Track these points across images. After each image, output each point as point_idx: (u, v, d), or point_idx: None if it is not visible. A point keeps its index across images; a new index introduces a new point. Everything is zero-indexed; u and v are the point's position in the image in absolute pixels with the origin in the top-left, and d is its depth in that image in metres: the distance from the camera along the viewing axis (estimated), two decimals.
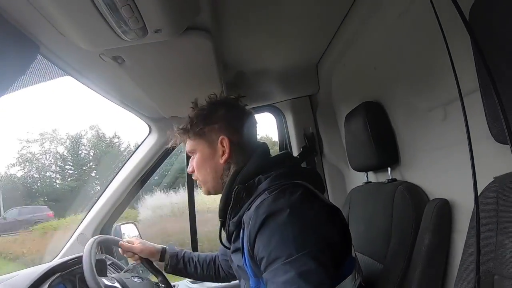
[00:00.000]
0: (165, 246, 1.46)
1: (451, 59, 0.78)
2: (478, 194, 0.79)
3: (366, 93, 1.51)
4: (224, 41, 1.37)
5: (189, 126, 1.13)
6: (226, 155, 1.07)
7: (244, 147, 1.08)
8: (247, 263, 0.95)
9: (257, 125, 1.15)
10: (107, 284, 1.22)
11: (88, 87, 1.32)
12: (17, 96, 1.23)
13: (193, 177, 1.18)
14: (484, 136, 0.77)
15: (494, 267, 0.73)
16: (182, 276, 1.52)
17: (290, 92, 2.01)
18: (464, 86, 0.77)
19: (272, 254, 0.81)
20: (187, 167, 1.23)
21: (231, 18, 1.24)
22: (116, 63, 1.09)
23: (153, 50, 1.05)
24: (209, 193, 1.15)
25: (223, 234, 1.09)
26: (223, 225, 1.07)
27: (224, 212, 1.03)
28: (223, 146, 1.07)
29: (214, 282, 1.52)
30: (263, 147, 1.09)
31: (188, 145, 1.15)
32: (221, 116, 1.10)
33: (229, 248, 1.08)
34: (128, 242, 1.46)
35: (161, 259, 1.44)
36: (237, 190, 0.98)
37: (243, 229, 0.94)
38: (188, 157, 1.21)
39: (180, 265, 1.44)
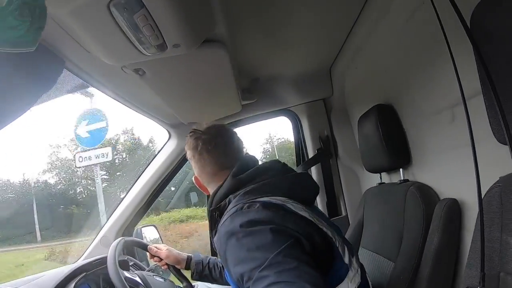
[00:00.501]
0: (190, 254, 1.53)
1: (454, 63, 0.81)
2: (484, 194, 0.82)
3: (378, 96, 1.54)
4: (239, 50, 1.42)
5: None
6: (204, 190, 1.18)
7: (218, 172, 1.12)
8: (227, 276, 1.02)
9: (234, 142, 1.18)
10: (127, 276, 1.29)
11: (110, 96, 1.38)
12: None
13: None
14: (490, 137, 0.78)
15: (500, 265, 0.75)
16: (209, 282, 1.57)
17: (304, 96, 2.04)
18: (469, 88, 0.80)
19: (248, 269, 0.79)
20: None
21: (245, 29, 1.30)
22: (138, 75, 1.14)
23: (173, 63, 1.10)
24: None
25: None
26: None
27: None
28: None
29: None
30: (238, 165, 1.09)
31: None
32: (192, 157, 1.17)
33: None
34: (156, 247, 1.54)
35: (187, 267, 1.51)
36: (210, 212, 1.06)
37: None
38: None
39: (206, 272, 1.50)
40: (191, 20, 0.89)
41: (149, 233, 1.95)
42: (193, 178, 1.22)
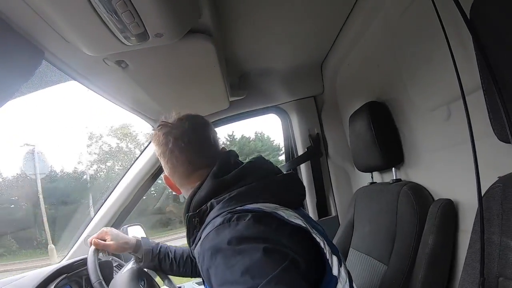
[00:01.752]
0: (139, 238, 1.36)
1: (453, 57, 0.78)
2: (482, 194, 0.78)
3: (370, 93, 1.50)
4: (227, 43, 1.37)
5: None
6: (176, 190, 1.05)
7: (193, 173, 0.99)
8: None
9: (210, 136, 1.03)
10: None
11: (93, 91, 1.32)
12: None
13: None
14: (488, 135, 0.75)
15: (499, 269, 0.72)
16: (155, 271, 1.41)
17: (295, 93, 2.00)
18: (467, 84, 0.77)
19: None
20: None
21: (233, 20, 1.25)
22: (120, 67, 1.10)
23: (156, 54, 1.05)
24: None
25: None
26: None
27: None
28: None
29: (191, 277, 1.44)
30: (219, 163, 0.96)
31: None
32: (161, 154, 1.02)
33: None
34: (100, 237, 1.33)
35: (134, 253, 1.34)
36: (189, 217, 0.92)
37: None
38: None
39: (155, 262, 1.34)
40: (174, 8, 0.83)
41: (135, 233, 1.90)
42: (162, 177, 1.08)
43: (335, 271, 0.83)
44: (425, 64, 1.08)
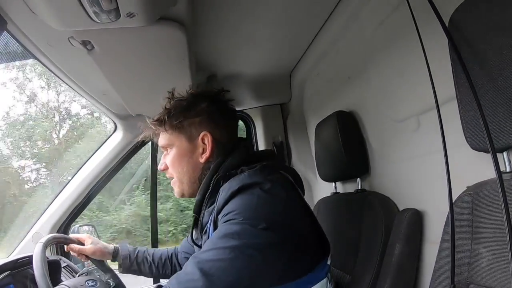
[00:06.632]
0: (117, 245, 1.37)
1: (428, 68, 0.79)
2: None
3: (338, 103, 1.51)
4: (199, 38, 1.32)
5: (166, 117, 1.01)
6: (207, 153, 0.98)
7: (226, 144, 0.99)
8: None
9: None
10: None
11: (54, 73, 1.25)
12: None
13: (167, 175, 1.08)
14: (458, 145, 0.77)
15: (469, 276, 0.72)
16: (136, 274, 1.43)
17: (261, 99, 1.98)
18: (439, 95, 0.78)
19: (232, 214, 0.79)
20: (153, 164, 1.13)
21: (207, 15, 1.21)
22: (85, 49, 1.02)
23: (125, 37, 0.99)
24: (182, 195, 1.05)
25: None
26: (195, 222, 1.00)
27: (200, 206, 0.96)
28: (204, 143, 0.99)
29: None
30: (245, 142, 1.05)
31: (163, 138, 1.04)
32: (203, 110, 1.00)
33: (200, 246, 0.99)
34: (78, 239, 1.34)
35: (113, 259, 1.36)
36: (217, 178, 0.92)
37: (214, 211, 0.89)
38: (154, 154, 1.14)
39: (134, 267, 1.35)
40: None
41: (87, 233, 1.78)
42: (170, 160, 1.04)
43: (328, 261, 0.94)
44: (397, 76, 1.10)
